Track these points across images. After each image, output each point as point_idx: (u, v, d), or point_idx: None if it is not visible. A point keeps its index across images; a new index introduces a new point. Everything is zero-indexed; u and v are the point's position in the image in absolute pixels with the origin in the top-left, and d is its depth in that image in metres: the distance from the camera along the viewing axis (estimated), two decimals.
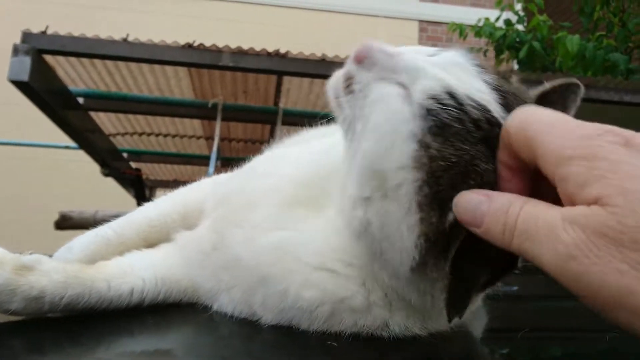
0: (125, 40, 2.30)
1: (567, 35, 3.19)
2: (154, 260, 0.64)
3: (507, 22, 3.92)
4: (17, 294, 0.49)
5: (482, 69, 0.46)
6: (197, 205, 0.74)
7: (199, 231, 0.68)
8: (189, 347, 0.51)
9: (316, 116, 0.89)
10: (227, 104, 2.84)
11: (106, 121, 3.18)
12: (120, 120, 3.20)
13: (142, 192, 3.80)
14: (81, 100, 2.78)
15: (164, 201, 0.78)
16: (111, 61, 2.44)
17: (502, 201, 0.38)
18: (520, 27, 4.01)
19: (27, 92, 2.16)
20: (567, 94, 0.50)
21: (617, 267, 0.31)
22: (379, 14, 5.78)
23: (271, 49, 2.42)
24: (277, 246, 0.53)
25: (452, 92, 0.42)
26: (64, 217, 3.41)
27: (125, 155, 3.73)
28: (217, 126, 2.79)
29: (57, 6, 4.95)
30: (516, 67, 3.89)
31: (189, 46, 2.34)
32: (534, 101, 0.48)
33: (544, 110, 0.40)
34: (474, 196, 0.40)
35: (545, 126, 0.38)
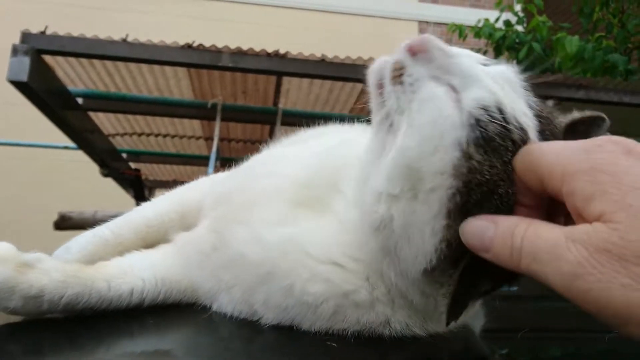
0: (124, 40, 2.30)
1: (566, 36, 3.20)
2: (154, 260, 0.64)
3: (507, 23, 3.92)
4: (16, 292, 0.49)
5: (528, 90, 0.46)
6: (195, 204, 0.74)
7: (197, 232, 0.67)
8: (189, 348, 0.51)
9: (315, 116, 0.89)
10: (227, 105, 2.84)
11: (105, 121, 3.18)
12: (119, 120, 3.20)
13: (142, 192, 3.80)
14: (80, 100, 2.78)
15: (161, 201, 0.78)
16: (110, 61, 2.45)
17: (508, 224, 0.39)
18: (519, 28, 4.02)
19: (26, 92, 2.16)
20: (593, 127, 0.51)
21: (621, 282, 0.32)
22: (378, 14, 5.79)
23: (270, 50, 2.42)
24: (284, 240, 0.53)
25: (501, 108, 0.42)
26: (63, 218, 3.41)
27: (124, 155, 3.73)
28: (217, 126, 2.79)
29: (57, 6, 4.95)
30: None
31: (189, 46, 2.34)
32: (563, 129, 0.49)
33: (543, 142, 0.41)
34: (480, 222, 0.40)
35: (546, 150, 0.39)
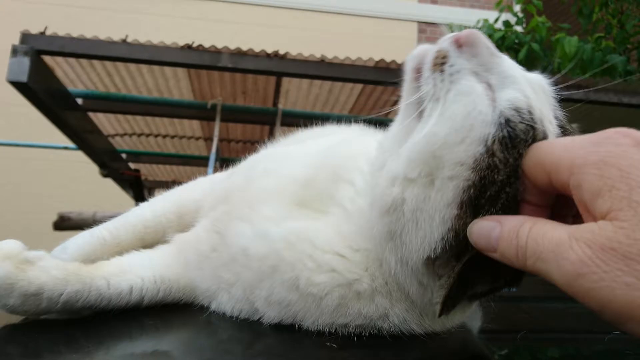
0: (124, 41, 2.30)
1: (565, 36, 3.20)
2: (153, 259, 0.64)
3: (506, 24, 3.92)
4: (15, 288, 0.49)
5: (556, 103, 0.48)
6: (193, 204, 0.74)
7: (196, 233, 0.67)
8: (188, 349, 0.51)
9: (315, 117, 0.89)
10: (226, 105, 2.84)
11: (105, 122, 3.18)
12: (119, 121, 3.20)
13: (141, 193, 3.80)
14: (80, 101, 2.78)
15: (159, 201, 0.78)
16: (110, 62, 2.45)
17: (513, 224, 0.39)
18: (519, 29, 4.02)
19: (26, 93, 2.16)
20: None
21: (624, 281, 0.31)
22: (378, 15, 5.79)
23: (270, 50, 2.42)
24: (289, 233, 0.53)
25: (531, 111, 0.43)
26: (62, 218, 3.41)
27: (124, 156, 3.73)
28: (216, 127, 2.79)
29: (56, 7, 4.95)
30: None
31: (188, 47, 2.34)
32: None
33: (549, 140, 0.41)
34: (486, 223, 0.41)
35: (554, 144, 0.39)
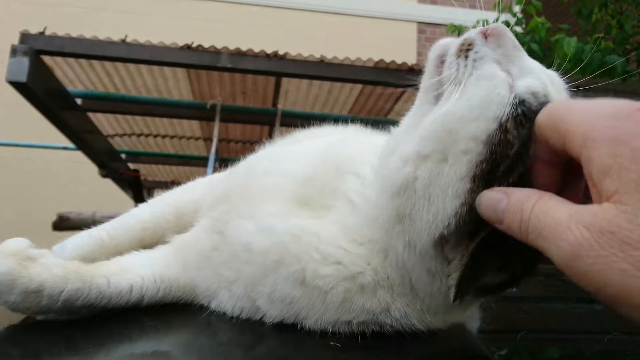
0: (123, 41, 2.30)
1: (564, 37, 3.20)
2: (153, 259, 0.64)
3: (506, 24, 3.92)
4: (17, 285, 0.49)
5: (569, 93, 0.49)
6: (192, 205, 0.74)
7: (195, 233, 0.67)
8: (188, 350, 0.51)
9: (314, 117, 0.89)
10: (226, 105, 2.84)
11: (104, 122, 3.18)
12: (118, 121, 3.20)
13: (140, 193, 3.80)
14: (79, 101, 2.78)
15: (157, 202, 0.78)
16: (109, 62, 2.45)
17: (519, 197, 0.39)
18: (518, 29, 4.02)
19: (25, 93, 2.16)
20: None
21: (619, 267, 0.31)
22: (377, 15, 5.79)
23: (270, 51, 2.42)
24: (295, 227, 0.53)
25: (548, 97, 0.45)
26: (61, 218, 3.41)
27: (123, 156, 3.73)
28: (216, 127, 2.79)
29: (56, 7, 4.95)
30: None
31: (188, 47, 2.34)
32: None
33: (571, 100, 0.42)
34: (495, 194, 0.42)
35: (572, 108, 0.38)
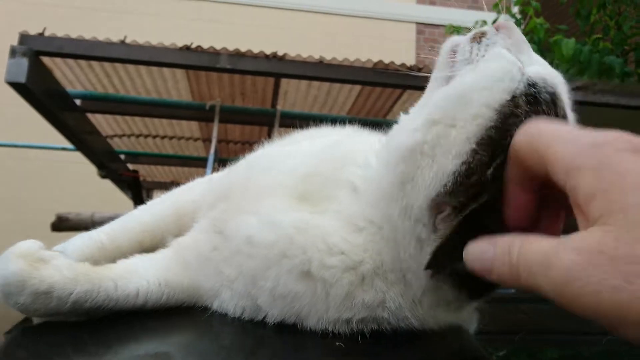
0: (122, 42, 2.30)
1: (563, 38, 3.20)
2: (156, 263, 0.64)
3: None
4: (27, 286, 0.49)
5: (571, 103, 0.51)
6: (191, 205, 0.74)
7: (194, 236, 0.67)
8: (188, 351, 0.51)
9: (314, 118, 0.89)
10: (225, 106, 2.84)
11: (103, 123, 3.18)
12: (117, 122, 3.20)
13: (140, 193, 3.80)
14: (78, 102, 2.78)
15: (157, 204, 0.78)
16: (109, 63, 2.45)
17: (504, 241, 0.39)
18: None
19: (25, 93, 2.16)
20: None
21: (610, 284, 0.31)
22: (376, 16, 5.80)
23: (269, 51, 2.42)
24: (299, 220, 0.54)
25: (555, 87, 0.47)
26: (60, 219, 3.41)
27: (122, 157, 3.73)
28: (215, 128, 2.79)
29: (55, 8, 4.95)
30: None
31: (187, 48, 2.34)
32: None
33: (550, 123, 0.42)
34: (481, 245, 0.42)
35: (554, 136, 0.39)
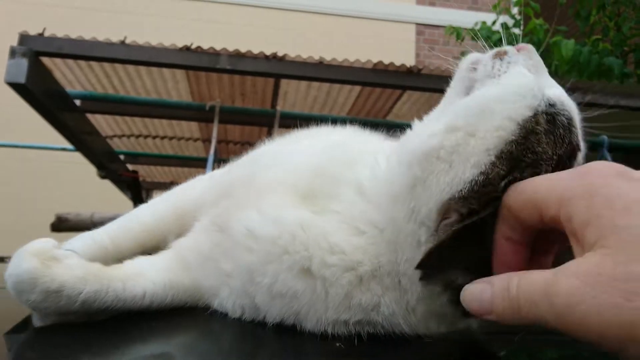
0: (122, 42, 2.30)
1: (562, 39, 3.21)
2: (161, 264, 0.65)
3: (504, 26, 3.94)
4: (38, 284, 0.50)
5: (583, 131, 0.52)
6: (193, 203, 0.74)
7: (194, 236, 0.68)
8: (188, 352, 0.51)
9: (313, 119, 0.89)
10: (225, 107, 2.84)
11: (103, 123, 3.18)
12: (117, 122, 3.20)
13: (139, 194, 3.80)
14: (78, 102, 2.78)
15: (158, 203, 0.77)
16: (108, 63, 2.45)
17: (501, 279, 0.40)
18: (516, 31, 4.03)
19: (24, 94, 2.16)
20: None
21: (612, 303, 0.31)
22: (376, 17, 5.81)
23: (269, 52, 2.43)
24: (304, 218, 0.53)
25: (570, 112, 0.49)
26: (60, 219, 3.40)
27: (122, 157, 3.73)
28: (215, 128, 2.79)
29: (55, 8, 4.95)
30: None
31: (187, 49, 2.34)
32: None
33: (533, 178, 0.43)
34: (477, 285, 0.42)
35: (540, 183, 0.41)
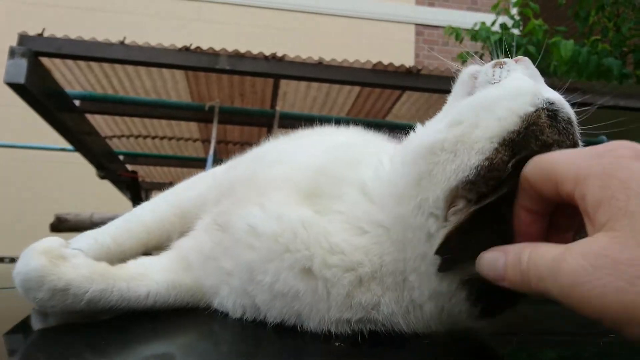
0: (122, 42, 2.30)
1: (561, 40, 3.22)
2: (163, 265, 0.65)
3: (503, 26, 3.94)
4: (46, 282, 0.51)
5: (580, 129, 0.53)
6: (195, 202, 0.74)
7: (196, 236, 0.68)
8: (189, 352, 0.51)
9: (313, 119, 0.89)
10: (224, 107, 2.84)
11: (102, 124, 3.18)
12: (116, 122, 3.20)
13: (138, 194, 3.80)
14: (77, 102, 2.78)
15: (159, 202, 0.77)
16: (108, 64, 2.45)
17: (515, 250, 0.41)
18: (516, 31, 4.04)
19: (24, 94, 2.15)
20: None
21: (615, 286, 0.32)
22: (375, 17, 5.81)
23: (268, 52, 2.43)
24: (307, 216, 0.54)
25: (569, 116, 0.50)
26: (59, 219, 3.40)
27: (121, 157, 3.73)
28: (214, 129, 2.79)
29: (54, 8, 4.95)
30: None
31: (186, 49, 2.34)
32: None
33: (553, 151, 0.44)
34: (493, 253, 0.43)
35: (560, 156, 0.42)
